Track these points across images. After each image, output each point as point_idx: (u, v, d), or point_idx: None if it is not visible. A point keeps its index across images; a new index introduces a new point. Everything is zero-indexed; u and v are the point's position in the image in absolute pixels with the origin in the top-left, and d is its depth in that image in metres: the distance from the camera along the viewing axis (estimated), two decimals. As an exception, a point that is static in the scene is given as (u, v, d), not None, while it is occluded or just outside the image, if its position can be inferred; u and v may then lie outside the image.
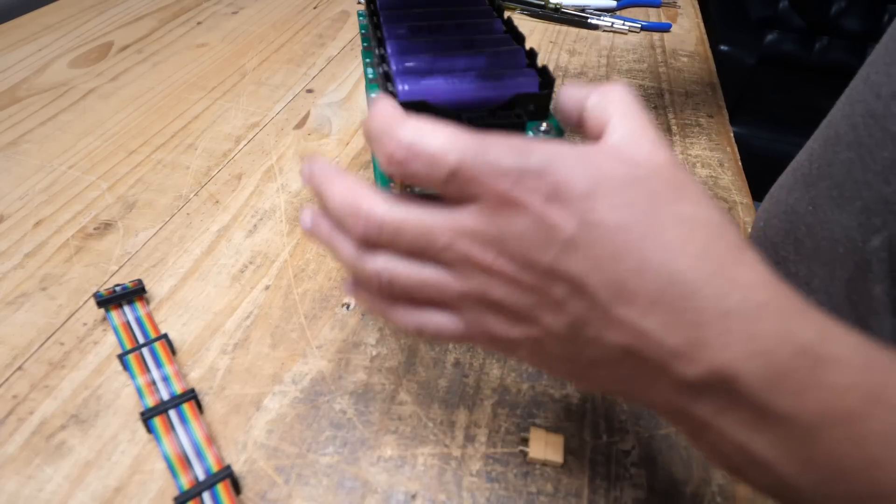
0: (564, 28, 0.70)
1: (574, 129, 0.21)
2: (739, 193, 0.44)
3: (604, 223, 0.16)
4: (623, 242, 0.16)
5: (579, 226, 0.16)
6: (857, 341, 0.15)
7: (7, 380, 0.29)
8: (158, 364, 0.29)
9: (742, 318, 0.15)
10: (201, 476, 0.25)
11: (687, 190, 0.17)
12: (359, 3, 0.75)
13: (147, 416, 0.26)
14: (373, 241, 0.19)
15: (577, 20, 0.70)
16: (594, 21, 0.69)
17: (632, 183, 0.16)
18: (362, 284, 0.21)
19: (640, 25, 0.68)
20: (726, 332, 0.15)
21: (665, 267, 0.15)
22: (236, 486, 0.25)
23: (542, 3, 0.72)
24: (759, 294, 0.15)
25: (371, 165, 0.45)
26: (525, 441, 0.27)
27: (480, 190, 0.17)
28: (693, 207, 0.17)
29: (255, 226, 0.39)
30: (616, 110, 0.19)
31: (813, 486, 0.15)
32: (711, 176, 0.46)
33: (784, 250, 0.32)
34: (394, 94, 0.26)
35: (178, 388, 0.28)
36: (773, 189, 0.36)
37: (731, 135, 0.52)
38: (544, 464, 0.27)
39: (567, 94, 0.21)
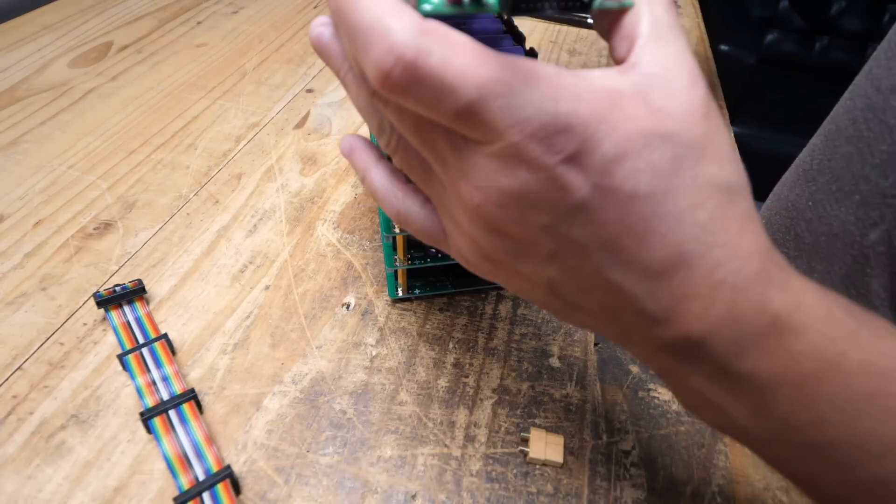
0: (564, 28, 0.70)
1: (599, 28, 0.19)
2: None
3: (620, 191, 0.15)
4: (634, 211, 0.15)
5: (592, 190, 0.15)
6: (828, 310, 0.16)
7: (7, 380, 0.29)
8: (158, 364, 0.29)
9: (729, 288, 0.15)
10: (201, 476, 0.25)
11: (714, 147, 0.16)
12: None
13: (147, 417, 0.26)
14: (386, 91, 0.14)
15: (577, 20, 0.70)
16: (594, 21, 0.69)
17: (658, 142, 0.15)
18: (362, 142, 0.21)
19: (640, 25, 0.68)
20: (710, 303, 0.15)
21: (670, 237, 0.15)
22: (236, 487, 0.25)
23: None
24: (752, 264, 0.16)
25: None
26: (525, 441, 0.27)
27: (492, 137, 0.14)
28: (715, 168, 0.16)
29: (255, 226, 0.39)
30: (647, 23, 0.16)
31: (761, 431, 0.17)
32: (711, 176, 0.46)
33: (784, 246, 0.32)
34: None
35: (178, 388, 0.28)
36: (777, 187, 0.36)
37: (732, 135, 0.52)
38: (544, 464, 0.27)
39: None
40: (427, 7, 0.20)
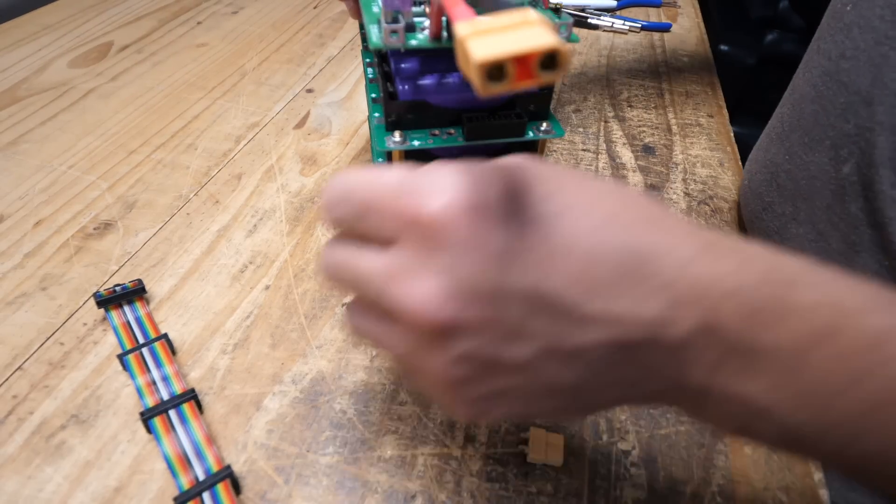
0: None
1: None
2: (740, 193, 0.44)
3: (536, 218, 0.15)
4: (564, 231, 0.15)
5: (508, 232, 0.15)
6: (804, 262, 0.16)
7: (7, 380, 0.29)
8: (158, 364, 0.29)
9: (699, 265, 0.15)
10: (201, 476, 0.25)
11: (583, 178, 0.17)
12: (359, 2, 0.74)
13: (147, 416, 0.26)
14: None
15: (577, 20, 0.70)
16: (594, 21, 0.69)
17: (549, 175, 0.16)
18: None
19: (640, 25, 0.68)
20: (693, 284, 0.15)
21: (616, 241, 0.15)
22: (236, 486, 0.25)
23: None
24: (699, 240, 0.16)
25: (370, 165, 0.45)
26: (525, 441, 0.27)
27: (390, 222, 0.16)
28: (605, 183, 0.17)
29: (255, 226, 0.39)
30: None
31: (812, 420, 0.15)
32: (711, 176, 0.46)
33: (769, 196, 0.37)
34: (393, 95, 0.26)
35: (178, 388, 0.28)
36: (752, 153, 0.42)
37: (732, 135, 0.52)
38: (544, 464, 0.27)
39: None
40: (413, 42, 0.22)
